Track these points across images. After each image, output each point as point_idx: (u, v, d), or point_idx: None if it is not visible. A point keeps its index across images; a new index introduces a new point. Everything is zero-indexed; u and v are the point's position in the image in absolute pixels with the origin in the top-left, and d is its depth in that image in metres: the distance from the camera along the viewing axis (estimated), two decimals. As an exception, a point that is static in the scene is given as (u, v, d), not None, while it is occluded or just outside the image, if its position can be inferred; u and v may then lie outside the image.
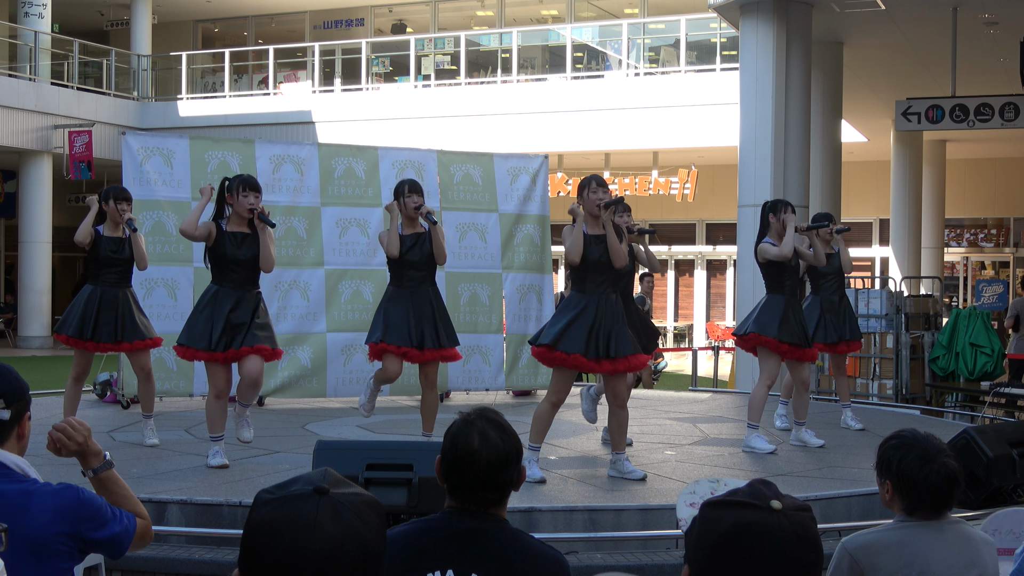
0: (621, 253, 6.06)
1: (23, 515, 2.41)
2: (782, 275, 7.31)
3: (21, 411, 2.55)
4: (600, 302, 6.04)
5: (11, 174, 25.34)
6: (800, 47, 12.08)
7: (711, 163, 23.43)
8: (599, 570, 4.83)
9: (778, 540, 1.64)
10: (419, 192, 6.78)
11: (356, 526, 1.65)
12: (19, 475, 2.50)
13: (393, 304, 6.66)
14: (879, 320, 11.21)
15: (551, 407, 6.16)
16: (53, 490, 2.49)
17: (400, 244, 6.64)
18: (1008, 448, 5.68)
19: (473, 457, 2.34)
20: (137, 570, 4.84)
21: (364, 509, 1.69)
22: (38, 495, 2.46)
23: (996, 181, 25.13)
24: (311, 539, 1.61)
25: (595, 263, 6.05)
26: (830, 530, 5.23)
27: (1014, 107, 12.89)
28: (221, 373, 6.47)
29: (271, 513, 1.65)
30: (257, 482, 5.96)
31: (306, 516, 1.63)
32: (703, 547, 1.70)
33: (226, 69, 24.71)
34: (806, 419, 7.53)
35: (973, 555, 2.85)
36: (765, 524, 1.65)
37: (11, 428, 2.53)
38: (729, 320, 24.08)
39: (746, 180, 11.86)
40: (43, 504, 2.44)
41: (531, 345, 6.26)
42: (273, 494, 1.69)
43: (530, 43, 23.47)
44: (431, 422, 6.91)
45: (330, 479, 1.71)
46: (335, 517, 1.64)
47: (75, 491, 2.50)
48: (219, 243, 6.45)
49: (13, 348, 23.13)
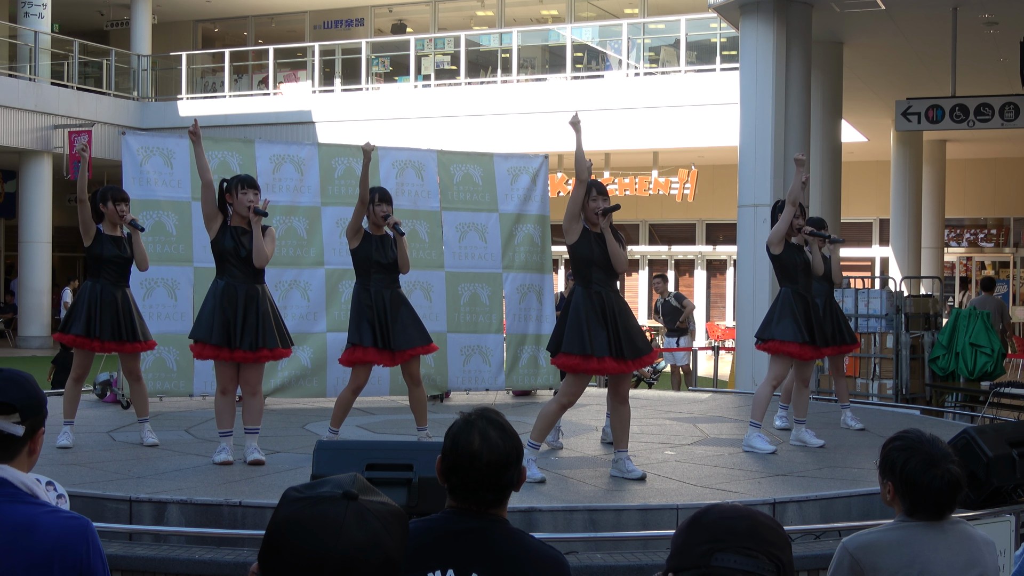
0: (621, 258, 6.12)
1: (25, 541, 2.19)
2: (793, 270, 7.33)
3: (36, 426, 2.34)
4: (608, 299, 6.05)
5: (11, 174, 25.35)
6: (800, 47, 12.08)
7: (711, 163, 23.43)
8: (599, 570, 4.83)
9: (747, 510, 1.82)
10: (388, 202, 6.96)
11: (380, 534, 1.67)
12: (25, 495, 2.28)
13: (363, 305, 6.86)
14: (879, 320, 11.20)
15: (560, 408, 6.15)
16: (62, 522, 2.24)
17: (368, 243, 6.86)
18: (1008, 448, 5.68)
19: (474, 457, 2.34)
20: (137, 570, 4.84)
21: (390, 519, 1.71)
22: (42, 526, 2.22)
23: (996, 181, 25.13)
24: (335, 542, 1.63)
25: (598, 259, 6.09)
26: (830, 530, 5.23)
27: (1014, 107, 12.89)
28: (230, 369, 6.51)
29: (299, 512, 1.67)
30: (257, 482, 5.96)
31: (333, 519, 1.65)
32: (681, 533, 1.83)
33: (226, 69, 24.71)
34: (806, 418, 7.53)
35: (973, 555, 2.85)
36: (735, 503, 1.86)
37: (23, 444, 2.31)
38: (729, 320, 24.09)
39: (746, 180, 11.86)
40: (47, 535, 2.21)
41: (553, 354, 6.15)
42: (302, 493, 1.71)
43: (530, 43, 23.47)
44: (423, 416, 7.06)
45: (359, 485, 1.73)
46: (361, 523, 1.66)
47: (83, 528, 2.26)
48: (221, 237, 6.54)
49: (13, 348, 23.13)
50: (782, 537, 1.79)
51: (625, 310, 6.16)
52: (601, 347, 5.94)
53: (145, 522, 5.40)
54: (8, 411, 2.27)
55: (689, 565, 1.76)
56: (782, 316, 7.29)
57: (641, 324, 8.97)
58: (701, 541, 1.77)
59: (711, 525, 1.78)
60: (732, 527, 1.76)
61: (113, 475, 6.13)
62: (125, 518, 5.43)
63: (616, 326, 6.01)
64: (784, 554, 1.77)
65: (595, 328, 5.96)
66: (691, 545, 1.78)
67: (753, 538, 1.75)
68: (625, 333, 6.03)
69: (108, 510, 5.42)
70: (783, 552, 1.77)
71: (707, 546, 1.75)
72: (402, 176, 9.85)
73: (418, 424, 7.09)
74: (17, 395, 2.29)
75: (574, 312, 6.04)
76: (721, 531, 1.76)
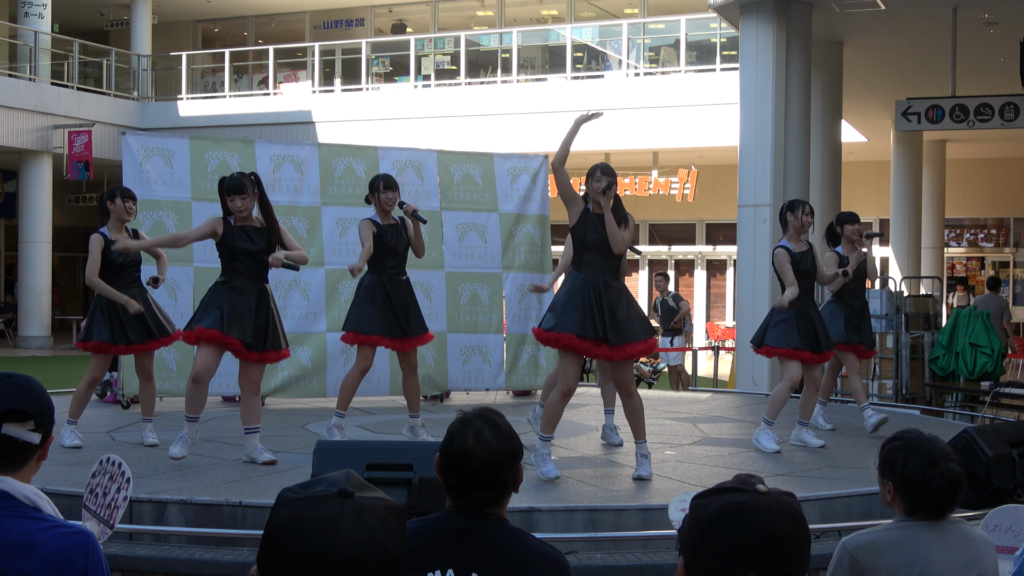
0: (619, 239, 6.06)
1: (23, 560, 2.14)
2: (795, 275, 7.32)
3: (47, 433, 2.30)
4: (598, 282, 5.99)
5: (11, 174, 25.35)
6: (800, 47, 12.08)
7: (711, 163, 23.43)
8: (599, 570, 4.83)
9: (765, 517, 1.74)
10: (394, 188, 7.17)
11: (379, 530, 1.67)
12: (27, 508, 2.22)
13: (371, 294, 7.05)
14: (879, 320, 11.20)
15: (561, 397, 6.09)
16: (60, 538, 2.19)
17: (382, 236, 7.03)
18: (1008, 448, 5.68)
19: (467, 456, 2.35)
20: (137, 570, 4.84)
21: (387, 514, 1.71)
22: (41, 543, 2.16)
23: (996, 181, 25.13)
24: (335, 541, 1.63)
25: (592, 241, 6.06)
26: (830, 530, 5.23)
27: (1014, 107, 12.89)
28: (215, 357, 6.47)
29: (296, 513, 1.67)
30: (257, 482, 5.96)
31: (331, 518, 1.65)
32: (695, 531, 1.78)
33: (226, 69, 24.71)
34: (809, 420, 7.53)
35: (973, 555, 2.85)
36: (753, 504, 1.75)
37: (36, 451, 2.27)
38: (729, 320, 24.08)
39: (746, 180, 11.86)
40: (45, 553, 2.15)
41: (535, 330, 6.25)
42: (297, 494, 1.70)
43: (530, 43, 23.47)
44: (416, 404, 7.25)
45: (354, 482, 1.73)
46: (359, 520, 1.66)
47: (83, 543, 2.21)
48: (228, 237, 6.51)
49: (13, 348, 23.14)
50: (802, 542, 1.76)
51: (619, 296, 6.05)
52: (572, 325, 5.88)
53: (145, 522, 5.40)
54: (24, 419, 2.23)
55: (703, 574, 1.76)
56: (777, 321, 7.31)
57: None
58: (715, 555, 1.74)
59: (728, 540, 1.73)
60: (748, 546, 1.73)
61: (113, 475, 6.13)
62: (125, 518, 5.42)
63: (602, 309, 5.93)
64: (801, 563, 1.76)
65: (571, 307, 5.92)
66: (704, 555, 1.75)
67: (769, 561, 1.73)
68: (611, 318, 5.93)
69: (108, 510, 5.42)
70: (800, 562, 1.76)
71: (721, 564, 1.73)
72: (402, 176, 9.85)
73: (411, 411, 7.26)
74: (32, 402, 2.24)
75: (560, 292, 6.11)
76: (737, 549, 1.73)
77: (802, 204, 7.56)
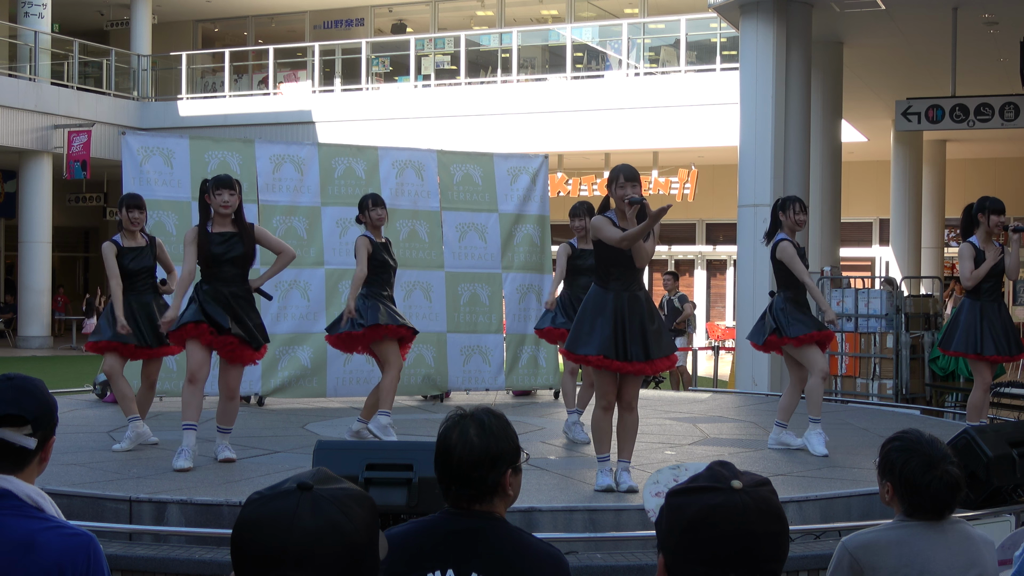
0: (643, 254, 5.85)
1: (25, 559, 2.13)
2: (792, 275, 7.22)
3: (48, 435, 2.28)
4: (622, 300, 5.81)
5: (11, 174, 25.35)
6: (800, 47, 12.08)
7: (711, 163, 23.43)
8: (599, 570, 4.83)
9: (743, 518, 1.74)
10: (382, 205, 7.35)
11: (337, 519, 1.67)
12: (29, 508, 2.21)
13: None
14: (879, 320, 11.21)
15: (603, 412, 5.93)
16: (63, 539, 2.18)
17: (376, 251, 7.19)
18: (1008, 448, 5.67)
19: (448, 453, 2.39)
20: (137, 570, 4.84)
21: (348, 502, 1.70)
22: (43, 542, 2.16)
23: (996, 181, 25.12)
24: (288, 535, 1.65)
25: (619, 258, 5.81)
26: (830, 530, 5.23)
27: (1014, 107, 12.90)
28: (204, 354, 6.46)
29: (254, 511, 1.69)
30: (257, 482, 5.96)
31: (285, 512, 1.67)
32: (674, 534, 1.78)
33: (226, 69, 24.71)
34: (788, 422, 7.33)
35: (973, 555, 2.85)
36: (729, 505, 1.75)
37: (35, 454, 2.26)
38: (729, 320, 24.08)
39: (746, 180, 11.86)
40: (47, 552, 2.15)
41: (564, 351, 6.10)
42: (261, 493, 1.73)
43: (530, 43, 23.47)
44: (388, 402, 7.22)
45: (319, 476, 1.74)
46: (314, 511, 1.66)
47: (85, 545, 2.20)
48: (205, 244, 6.49)
49: (13, 348, 23.14)
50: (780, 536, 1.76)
51: (647, 309, 5.87)
52: (604, 346, 5.72)
53: (145, 522, 5.40)
54: (20, 423, 2.22)
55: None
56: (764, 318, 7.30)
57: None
58: (695, 560, 1.74)
59: (707, 545, 1.73)
60: (728, 550, 1.72)
61: (113, 475, 6.13)
62: (125, 518, 5.43)
63: (633, 327, 5.76)
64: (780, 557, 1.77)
65: (602, 326, 5.74)
66: (683, 560, 1.75)
67: (751, 561, 1.73)
68: (641, 333, 5.76)
69: (108, 510, 5.43)
70: (780, 556, 1.77)
71: (702, 569, 1.73)
72: (402, 176, 9.86)
73: (380, 409, 7.19)
74: (29, 406, 2.23)
75: (582, 310, 5.93)
76: (717, 554, 1.73)
77: (794, 202, 7.21)
